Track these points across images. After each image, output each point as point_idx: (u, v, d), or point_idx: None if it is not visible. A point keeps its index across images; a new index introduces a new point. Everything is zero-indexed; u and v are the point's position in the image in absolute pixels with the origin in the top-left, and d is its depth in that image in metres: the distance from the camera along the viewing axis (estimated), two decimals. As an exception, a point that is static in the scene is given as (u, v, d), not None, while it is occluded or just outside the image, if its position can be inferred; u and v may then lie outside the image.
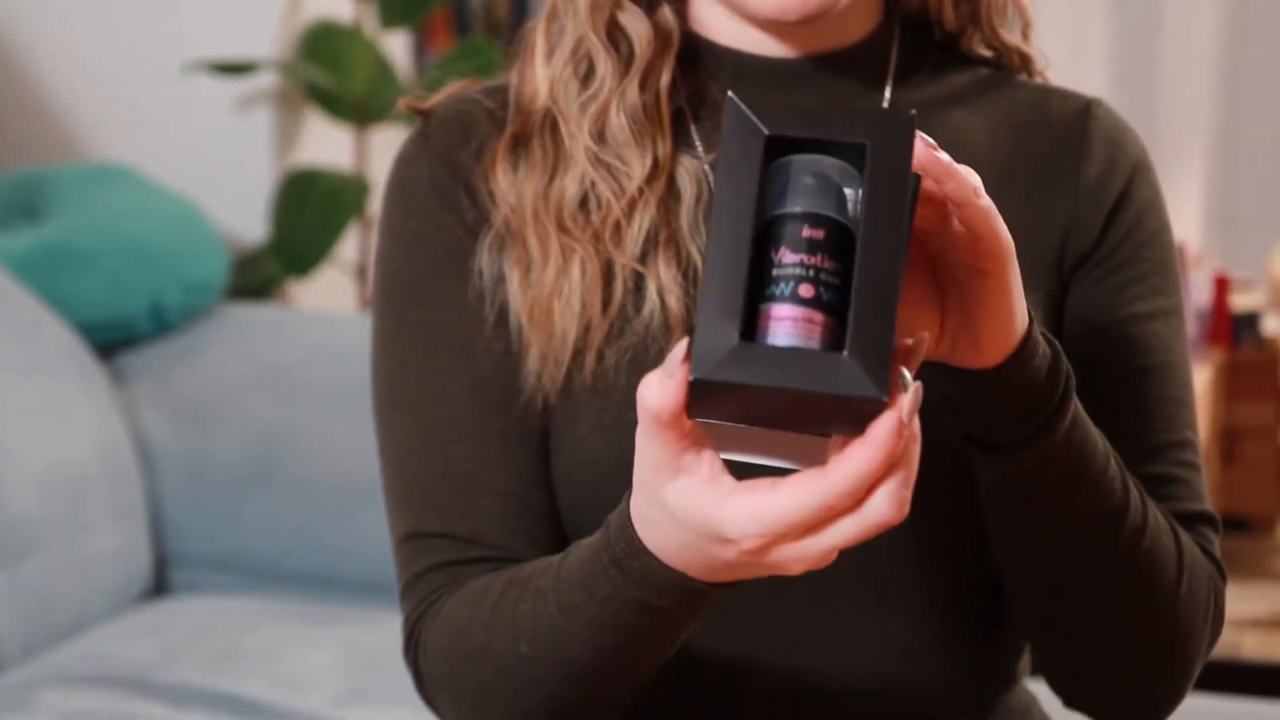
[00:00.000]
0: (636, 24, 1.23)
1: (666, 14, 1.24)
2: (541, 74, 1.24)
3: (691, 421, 0.91)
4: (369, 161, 3.15)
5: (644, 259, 1.20)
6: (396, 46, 3.47)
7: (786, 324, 0.88)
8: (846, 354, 0.87)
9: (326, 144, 3.20)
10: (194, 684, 2.05)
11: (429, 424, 1.21)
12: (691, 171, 1.22)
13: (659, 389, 0.90)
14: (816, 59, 1.24)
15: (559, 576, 1.08)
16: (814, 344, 0.88)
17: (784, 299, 0.88)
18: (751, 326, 0.88)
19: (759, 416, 0.91)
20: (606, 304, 1.20)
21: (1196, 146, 5.83)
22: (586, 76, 1.23)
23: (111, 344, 2.51)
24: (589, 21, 1.23)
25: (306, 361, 2.51)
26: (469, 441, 1.21)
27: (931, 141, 0.95)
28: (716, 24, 1.24)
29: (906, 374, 0.90)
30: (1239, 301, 4.79)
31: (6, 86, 3.08)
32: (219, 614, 2.28)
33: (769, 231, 0.89)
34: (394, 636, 1.52)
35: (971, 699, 1.25)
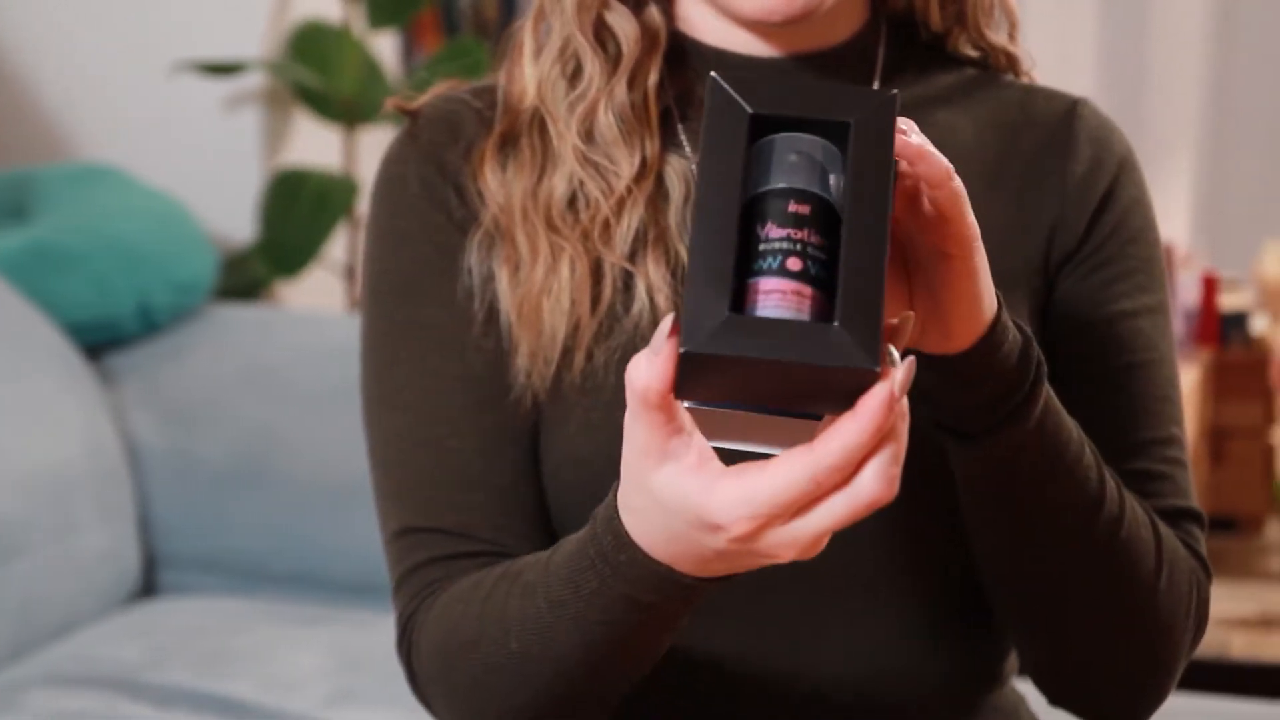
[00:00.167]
0: (624, 23, 1.23)
1: (654, 14, 1.24)
2: (529, 73, 1.25)
3: (679, 404, 0.90)
4: (357, 162, 3.15)
5: (633, 258, 1.21)
6: (385, 47, 3.46)
7: (775, 296, 0.87)
8: (838, 324, 0.86)
9: (315, 144, 3.20)
10: (182, 685, 2.05)
11: (419, 421, 1.21)
12: (679, 171, 1.23)
13: (646, 367, 0.89)
14: (803, 59, 1.24)
15: (548, 571, 1.07)
16: (803, 316, 0.87)
17: (772, 272, 0.88)
18: (739, 301, 0.88)
19: (748, 393, 0.90)
20: (595, 302, 1.20)
21: (1185, 146, 5.83)
22: (574, 76, 1.24)
23: (99, 344, 2.51)
24: (576, 21, 1.23)
25: (295, 362, 2.51)
26: (459, 438, 1.21)
27: (905, 125, 0.95)
28: (703, 24, 1.25)
29: (894, 351, 0.90)
30: (1227, 301, 4.79)
31: (-6, 87, 3.08)
32: (207, 615, 2.28)
33: (754, 208, 0.89)
34: (383, 637, 1.52)
35: (960, 699, 1.25)
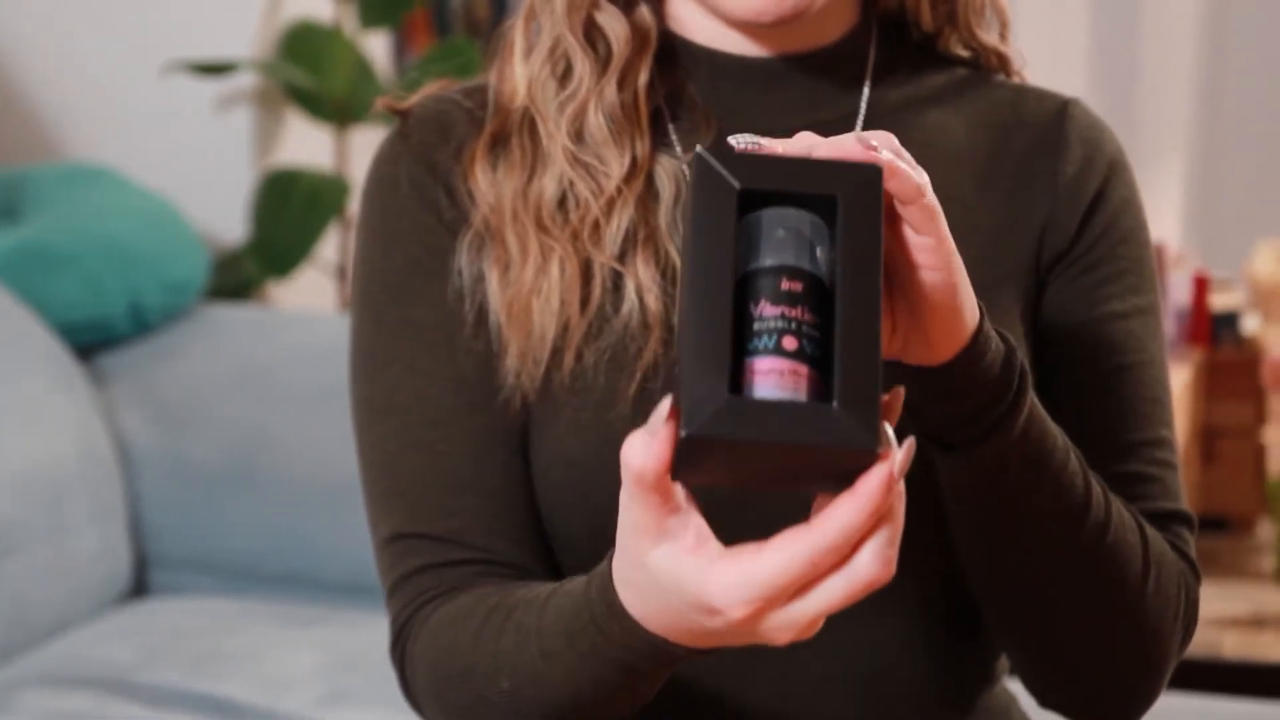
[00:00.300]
0: (614, 24, 1.23)
1: (644, 13, 1.24)
2: (520, 73, 1.25)
3: (676, 484, 0.90)
4: (349, 162, 3.15)
5: (623, 258, 1.20)
6: (377, 47, 3.46)
7: (773, 377, 0.87)
8: (837, 405, 0.86)
9: (306, 144, 3.20)
10: (174, 685, 2.05)
11: (409, 424, 1.21)
12: (670, 171, 1.22)
13: (643, 449, 0.88)
14: (794, 59, 1.24)
15: (542, 618, 1.07)
16: (801, 396, 0.87)
17: (768, 352, 0.88)
18: (735, 381, 0.87)
19: (746, 475, 0.91)
20: (585, 303, 1.20)
21: (1176, 146, 5.84)
22: (564, 76, 1.23)
23: (91, 345, 2.50)
24: (566, 21, 1.23)
25: (287, 362, 2.50)
26: (450, 441, 1.21)
27: (878, 139, 0.95)
28: (694, 23, 1.24)
29: (890, 430, 0.90)
30: (1218, 301, 4.80)
31: (-14, 87, 3.08)
32: (199, 615, 2.28)
33: (745, 284, 0.89)
34: (375, 637, 1.52)
35: (952, 697, 1.25)
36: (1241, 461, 4.75)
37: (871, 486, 0.87)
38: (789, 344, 0.88)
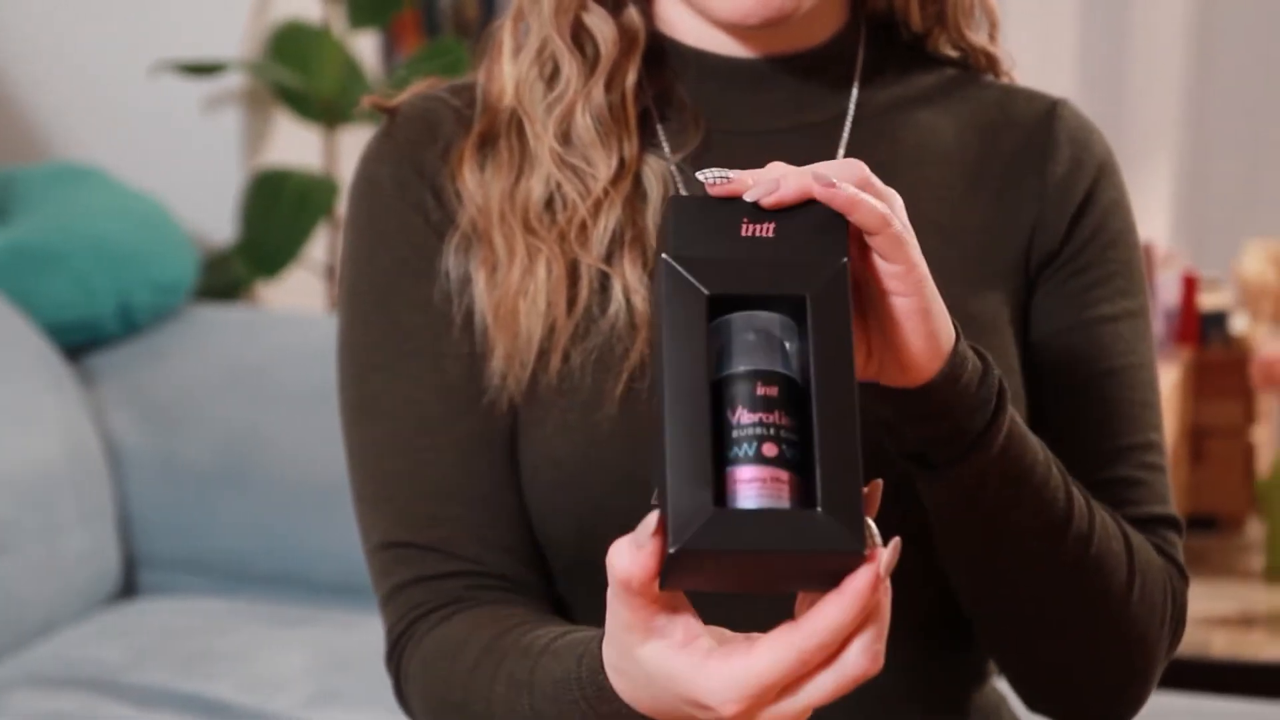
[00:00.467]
0: (602, 25, 1.23)
1: (633, 14, 1.24)
2: (508, 73, 1.24)
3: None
4: (338, 162, 3.15)
5: (610, 259, 1.20)
6: (365, 47, 3.46)
7: (755, 485, 0.88)
8: (821, 510, 0.87)
9: (295, 144, 3.19)
10: (164, 685, 2.04)
11: (397, 429, 1.21)
12: (658, 171, 1.22)
13: (629, 558, 0.89)
14: (783, 60, 1.24)
15: (534, 675, 1.07)
16: (784, 503, 0.88)
17: (748, 460, 0.89)
18: (718, 490, 0.88)
19: (732, 581, 0.92)
20: (572, 304, 1.20)
21: (1165, 146, 5.84)
22: (551, 78, 1.23)
23: (80, 345, 2.50)
24: (553, 23, 1.23)
25: (276, 362, 2.50)
26: (437, 448, 1.20)
27: (838, 170, 0.94)
28: (682, 24, 1.24)
29: (874, 527, 0.90)
30: (1207, 300, 4.81)
31: (-26, 87, 3.08)
32: (189, 615, 2.28)
33: (720, 390, 0.90)
34: (366, 637, 1.53)
35: (942, 697, 1.25)
36: (1230, 461, 4.76)
37: (858, 587, 0.89)
38: (769, 450, 0.89)
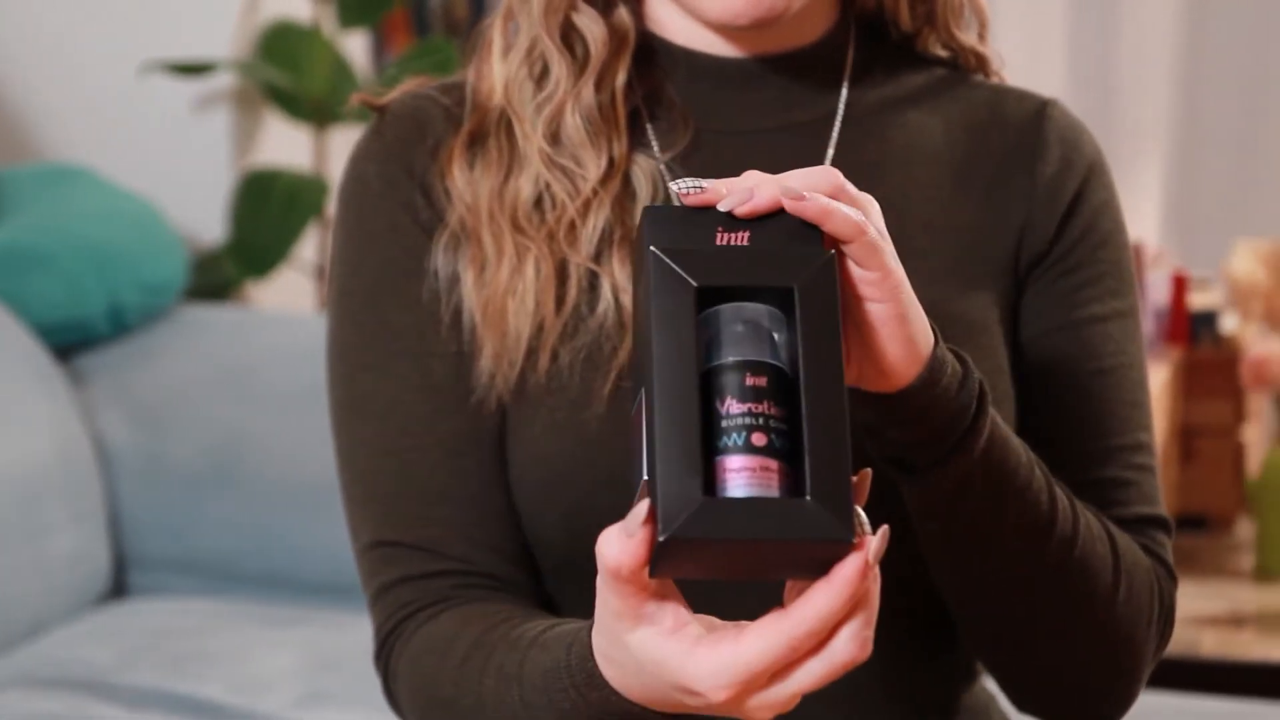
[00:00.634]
0: (591, 25, 1.22)
1: (622, 14, 1.24)
2: (498, 72, 1.24)
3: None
4: (328, 162, 3.15)
5: (598, 258, 1.20)
6: (355, 47, 3.46)
7: (744, 474, 0.89)
8: (810, 499, 0.88)
9: (285, 144, 3.19)
10: (153, 686, 2.04)
11: (386, 429, 1.21)
12: (647, 171, 1.22)
13: (619, 546, 0.90)
14: (772, 59, 1.24)
15: (523, 668, 1.08)
16: (773, 492, 0.89)
17: (738, 449, 0.89)
18: (708, 479, 0.89)
19: (722, 569, 0.92)
20: (560, 303, 1.20)
21: (1155, 146, 5.85)
22: (541, 78, 1.23)
23: (69, 345, 2.50)
24: (543, 23, 1.23)
25: (265, 362, 2.50)
26: (425, 448, 1.20)
27: (798, 191, 0.94)
28: (672, 24, 1.24)
29: (863, 515, 0.91)
30: (1197, 300, 4.82)
31: (-37, 87, 3.07)
32: (178, 616, 2.28)
33: (709, 381, 0.91)
34: (355, 637, 1.52)
35: (932, 696, 1.25)
36: (1220, 460, 4.77)
37: (847, 575, 0.89)
38: (758, 440, 0.89)
